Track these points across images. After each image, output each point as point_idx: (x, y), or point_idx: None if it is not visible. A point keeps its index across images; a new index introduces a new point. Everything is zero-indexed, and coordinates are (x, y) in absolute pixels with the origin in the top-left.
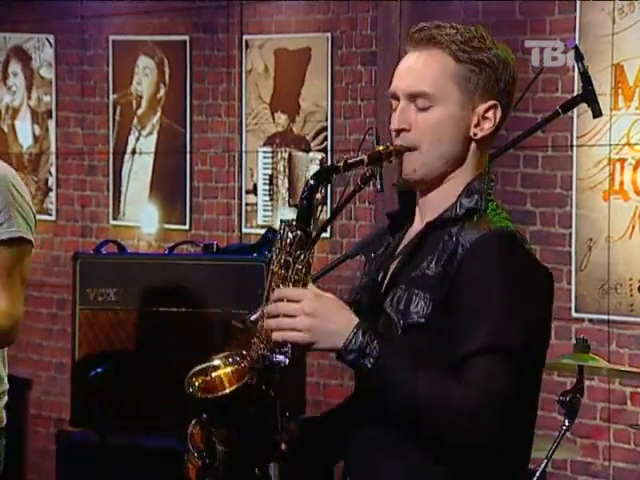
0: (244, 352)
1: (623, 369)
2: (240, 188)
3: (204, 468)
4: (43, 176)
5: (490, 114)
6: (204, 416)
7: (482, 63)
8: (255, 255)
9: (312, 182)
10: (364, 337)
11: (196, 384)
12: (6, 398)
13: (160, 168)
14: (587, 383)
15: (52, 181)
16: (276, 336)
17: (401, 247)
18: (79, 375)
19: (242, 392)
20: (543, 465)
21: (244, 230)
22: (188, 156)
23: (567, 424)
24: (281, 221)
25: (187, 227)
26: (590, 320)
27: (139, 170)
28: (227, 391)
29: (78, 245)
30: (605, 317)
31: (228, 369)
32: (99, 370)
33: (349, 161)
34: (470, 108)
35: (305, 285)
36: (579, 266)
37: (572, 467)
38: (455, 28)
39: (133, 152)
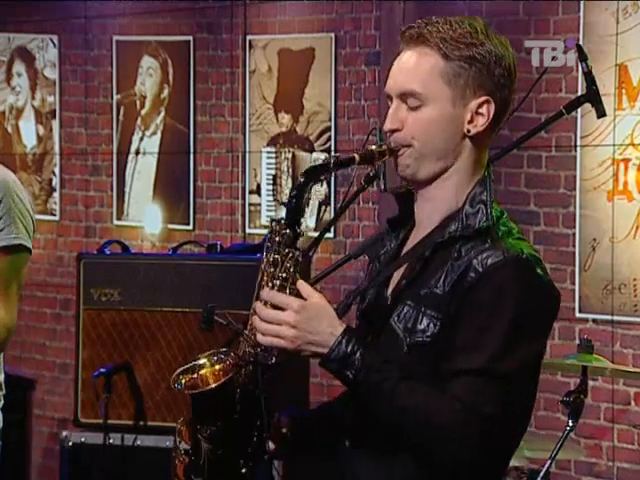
0: (230, 350)
1: (627, 369)
2: (244, 188)
3: (190, 465)
4: (47, 176)
5: (484, 110)
6: (190, 413)
7: (472, 59)
8: (259, 255)
9: (301, 180)
10: (347, 347)
11: (182, 381)
12: (2, 402)
13: (164, 168)
14: (591, 383)
15: (56, 181)
16: (261, 340)
17: (404, 254)
18: (83, 375)
19: (227, 389)
20: (547, 465)
21: (248, 230)
22: (192, 156)
23: (571, 424)
24: (271, 220)
25: (191, 227)
26: (594, 320)
27: (143, 170)
28: (212, 386)
29: (82, 245)
30: (609, 317)
31: (215, 367)
32: (103, 370)
33: (340, 159)
34: (462, 105)
35: (294, 283)
36: (583, 266)
37: (576, 467)
38: (448, 23)
39: (137, 152)
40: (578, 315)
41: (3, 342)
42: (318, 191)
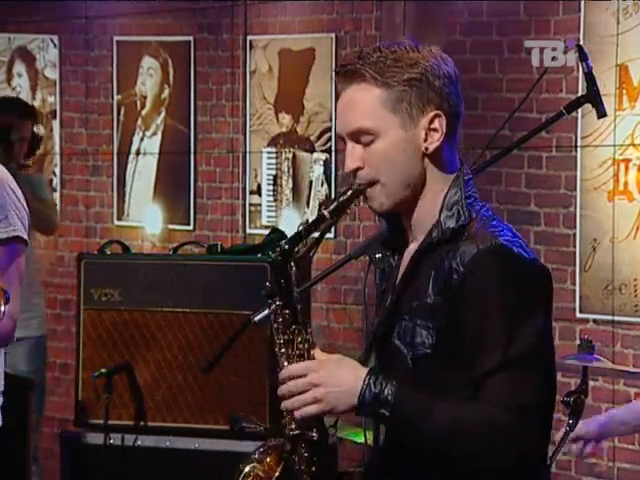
0: (269, 442)
1: (627, 370)
2: (244, 188)
3: None
4: (47, 176)
5: (436, 124)
6: None
7: (409, 80)
8: (259, 255)
9: (279, 260)
10: (375, 387)
11: None
12: (1, 399)
13: (164, 169)
14: (591, 384)
15: (56, 182)
16: (297, 414)
17: (401, 271)
18: (83, 375)
19: (287, 476)
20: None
21: (248, 231)
22: (192, 156)
23: (571, 424)
24: (269, 303)
25: (191, 227)
26: (594, 321)
27: (143, 170)
28: (275, 475)
29: (82, 245)
30: (609, 318)
31: (265, 461)
32: (103, 370)
33: (310, 223)
34: (413, 126)
35: (309, 356)
36: (583, 267)
37: (576, 467)
38: (378, 51)
39: (137, 153)
40: (578, 315)
41: (11, 332)
42: (319, 191)
